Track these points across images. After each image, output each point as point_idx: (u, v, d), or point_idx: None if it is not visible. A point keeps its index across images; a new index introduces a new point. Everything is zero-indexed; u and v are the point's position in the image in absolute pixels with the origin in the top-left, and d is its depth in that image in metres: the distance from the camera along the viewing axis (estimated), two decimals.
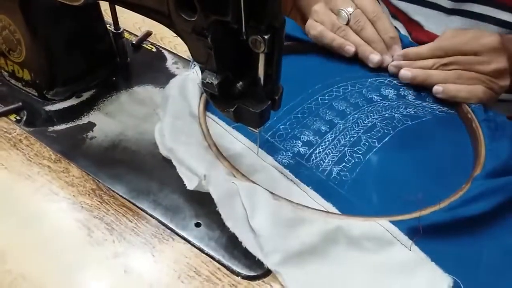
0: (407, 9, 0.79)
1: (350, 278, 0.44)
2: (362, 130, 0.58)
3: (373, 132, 0.57)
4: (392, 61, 0.66)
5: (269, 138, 0.56)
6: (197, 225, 0.49)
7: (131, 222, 0.49)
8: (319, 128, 0.58)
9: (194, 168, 0.49)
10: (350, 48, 0.66)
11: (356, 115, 0.60)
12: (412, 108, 0.61)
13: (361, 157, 0.55)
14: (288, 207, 0.47)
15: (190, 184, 0.49)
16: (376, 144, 0.56)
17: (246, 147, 0.55)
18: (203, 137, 0.54)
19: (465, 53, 0.62)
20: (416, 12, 0.78)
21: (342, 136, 0.57)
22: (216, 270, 0.45)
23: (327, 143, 0.56)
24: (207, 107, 0.58)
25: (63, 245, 0.47)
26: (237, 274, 0.45)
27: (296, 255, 0.44)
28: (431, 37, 0.75)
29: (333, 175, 0.53)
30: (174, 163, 0.52)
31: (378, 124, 0.58)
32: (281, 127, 0.58)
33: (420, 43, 0.73)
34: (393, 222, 0.46)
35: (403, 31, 0.81)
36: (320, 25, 0.68)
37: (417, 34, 0.78)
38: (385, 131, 0.57)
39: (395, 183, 0.53)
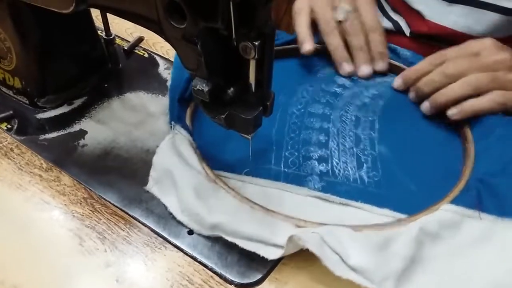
0: None
1: (455, 271, 0.45)
2: (352, 126, 0.60)
3: (362, 125, 0.60)
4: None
5: (286, 170, 0.54)
6: (190, 233, 0.48)
7: (123, 230, 0.49)
8: (319, 140, 0.58)
9: (266, 236, 0.45)
10: (307, 47, 0.64)
11: (337, 114, 0.62)
12: (372, 89, 0.65)
13: (372, 152, 0.57)
14: (370, 232, 0.46)
15: (275, 254, 0.45)
16: (375, 134, 0.59)
17: (273, 189, 0.52)
18: (234, 197, 0.49)
19: (464, 53, 0.60)
20: (417, 1, 0.77)
21: (343, 139, 0.58)
22: (209, 278, 0.45)
23: (335, 151, 0.56)
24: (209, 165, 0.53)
25: (54, 254, 0.47)
26: (230, 282, 0.45)
27: (403, 273, 0.43)
28: (432, 27, 0.75)
29: (365, 179, 0.53)
30: (230, 239, 0.46)
31: (359, 115, 0.61)
32: (286, 153, 0.56)
33: (420, 34, 0.73)
34: (453, 201, 0.48)
35: (403, 23, 0.81)
36: (304, 9, 0.66)
37: (418, 25, 0.78)
38: (370, 118, 0.61)
39: (418, 162, 0.55)
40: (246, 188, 0.52)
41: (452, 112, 0.58)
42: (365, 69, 0.66)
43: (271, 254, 0.44)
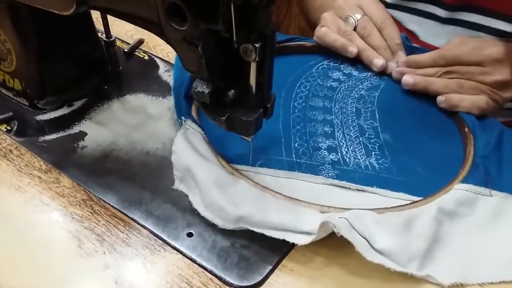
0: (402, 18, 0.79)
1: (473, 246, 0.47)
2: (354, 118, 0.62)
3: (364, 115, 0.62)
4: (397, 67, 0.67)
5: (299, 160, 0.55)
6: (189, 235, 0.48)
7: (122, 232, 0.48)
8: (325, 131, 0.60)
9: (293, 223, 0.45)
10: (353, 49, 0.67)
11: (337, 106, 0.64)
12: (366, 81, 0.68)
13: (377, 140, 0.58)
14: (393, 215, 0.47)
15: (305, 240, 0.45)
16: (377, 124, 0.61)
17: (289, 179, 0.53)
18: (255, 187, 0.49)
19: (467, 63, 0.62)
20: (411, 22, 0.78)
21: (348, 130, 0.60)
22: (208, 281, 0.45)
23: (343, 141, 0.58)
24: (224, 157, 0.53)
25: (53, 256, 0.47)
26: (230, 284, 0.44)
27: (426, 252, 0.45)
28: (425, 46, 0.75)
29: (376, 166, 0.55)
30: (257, 229, 0.46)
31: (359, 106, 0.64)
32: (296, 145, 0.57)
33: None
34: (463, 181, 0.51)
35: None
36: (325, 27, 0.69)
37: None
38: (369, 109, 0.63)
39: (420, 148, 0.58)
40: (262, 179, 0.52)
41: (440, 100, 0.62)
42: (392, 65, 0.68)
43: (301, 240, 0.45)
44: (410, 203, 0.49)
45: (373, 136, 0.59)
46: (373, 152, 0.57)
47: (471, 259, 0.46)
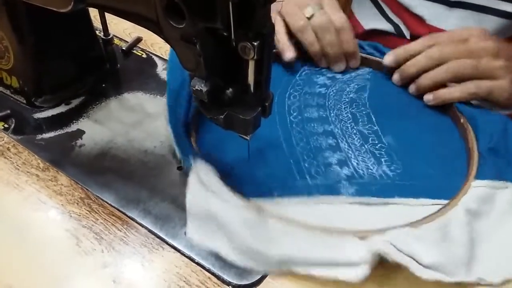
0: (410, 3, 0.79)
1: (501, 240, 0.47)
2: (353, 124, 0.61)
3: (361, 120, 0.61)
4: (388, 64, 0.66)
5: (315, 182, 0.53)
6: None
7: (120, 231, 0.48)
8: (329, 144, 0.58)
9: (338, 257, 0.44)
10: (289, 55, 0.66)
11: (332, 114, 0.62)
12: (351, 82, 0.67)
13: (382, 145, 0.58)
14: (427, 226, 0.46)
15: (358, 274, 0.43)
16: (376, 127, 0.60)
17: (313, 205, 0.51)
18: (286, 224, 0.46)
19: (453, 38, 0.62)
20: (420, 6, 0.78)
21: (350, 139, 0.59)
22: (207, 280, 0.45)
23: (350, 152, 0.57)
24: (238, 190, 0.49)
25: (51, 255, 0.47)
26: (228, 283, 0.44)
27: (470, 256, 0.45)
28: (433, 31, 0.75)
29: (390, 173, 0.54)
30: (303, 270, 0.44)
31: (353, 111, 0.63)
32: (306, 165, 0.55)
33: (419, 36, 0.73)
34: (477, 176, 0.51)
35: (403, 26, 0.81)
36: (278, 25, 0.66)
37: (417, 29, 0.79)
38: (364, 112, 0.63)
39: (423, 146, 0.58)
40: (286, 211, 0.49)
41: (428, 98, 0.62)
42: (341, 66, 0.68)
43: (354, 275, 0.43)
44: (438, 211, 0.49)
45: (376, 141, 0.58)
46: (382, 159, 0.56)
47: (502, 252, 0.46)
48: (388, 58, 0.66)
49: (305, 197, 0.51)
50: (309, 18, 0.65)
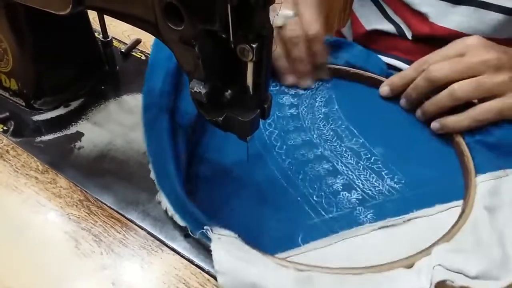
0: (414, 1, 0.78)
1: None
2: (339, 141, 0.60)
3: (344, 136, 0.60)
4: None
5: (332, 216, 0.51)
6: (187, 236, 0.48)
7: (119, 233, 0.48)
8: (326, 169, 0.56)
9: None
10: None
11: (314, 135, 0.61)
12: (317, 96, 0.66)
13: (376, 158, 0.57)
14: (457, 237, 0.46)
15: None
16: (361, 140, 0.60)
17: (340, 242, 0.49)
18: (331, 274, 0.44)
19: (447, 55, 0.59)
20: (424, 4, 0.77)
21: (344, 158, 0.57)
22: (206, 282, 0.45)
23: (350, 173, 0.56)
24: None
25: (50, 257, 0.47)
26: None
27: (504, 255, 0.44)
28: (435, 29, 0.75)
29: (396, 186, 0.54)
30: None
31: (332, 127, 0.62)
32: (315, 198, 0.53)
33: (422, 36, 0.73)
34: (478, 171, 0.52)
35: (405, 26, 0.81)
36: None
37: (420, 27, 0.78)
38: (344, 126, 0.61)
39: (413, 147, 0.58)
40: (316, 257, 0.47)
41: (435, 127, 0.60)
42: (308, 82, 0.66)
43: None
44: (459, 218, 0.49)
45: (369, 155, 0.57)
46: (382, 173, 0.55)
47: None
48: (384, 90, 0.64)
49: (329, 237, 0.49)
50: (280, 28, 0.61)
